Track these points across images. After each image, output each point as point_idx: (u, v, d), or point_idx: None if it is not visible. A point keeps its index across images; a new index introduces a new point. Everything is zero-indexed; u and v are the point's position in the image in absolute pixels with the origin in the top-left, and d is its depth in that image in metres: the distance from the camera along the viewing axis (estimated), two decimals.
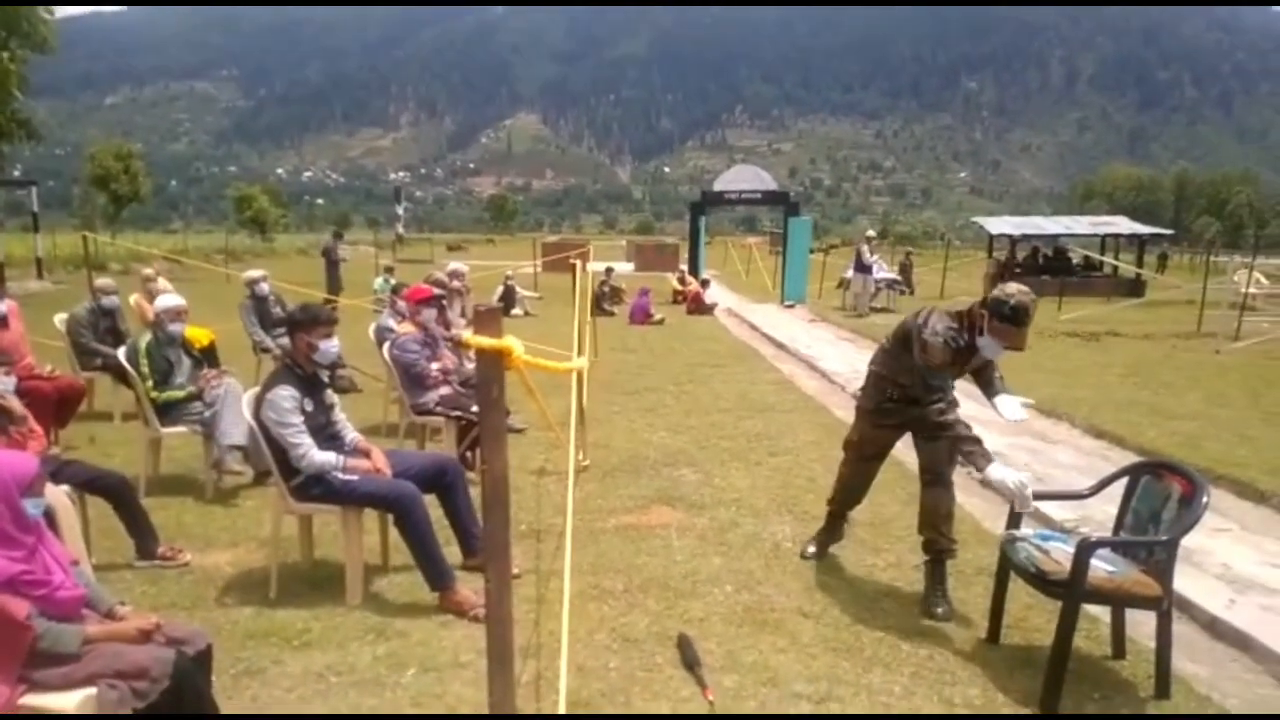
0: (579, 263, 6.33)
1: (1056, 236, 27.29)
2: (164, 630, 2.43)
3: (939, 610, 3.74)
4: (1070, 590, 2.96)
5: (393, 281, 16.61)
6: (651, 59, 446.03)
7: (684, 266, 21.45)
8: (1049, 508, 4.89)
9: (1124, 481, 3.50)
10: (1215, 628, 3.78)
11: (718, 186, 21.69)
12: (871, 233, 20.37)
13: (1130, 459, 6.93)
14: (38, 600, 2.24)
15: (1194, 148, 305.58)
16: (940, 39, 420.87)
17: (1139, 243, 27.65)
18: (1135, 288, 23.40)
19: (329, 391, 4.02)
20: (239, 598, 3.89)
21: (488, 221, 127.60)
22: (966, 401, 3.75)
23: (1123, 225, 28.20)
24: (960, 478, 6.07)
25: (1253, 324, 14.18)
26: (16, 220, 31.01)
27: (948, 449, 3.72)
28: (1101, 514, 4.93)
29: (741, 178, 21.79)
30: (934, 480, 3.87)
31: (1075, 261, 26.06)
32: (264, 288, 8.58)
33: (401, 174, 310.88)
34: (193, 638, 2.50)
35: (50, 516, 2.52)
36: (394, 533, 4.03)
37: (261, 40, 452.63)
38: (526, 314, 17.05)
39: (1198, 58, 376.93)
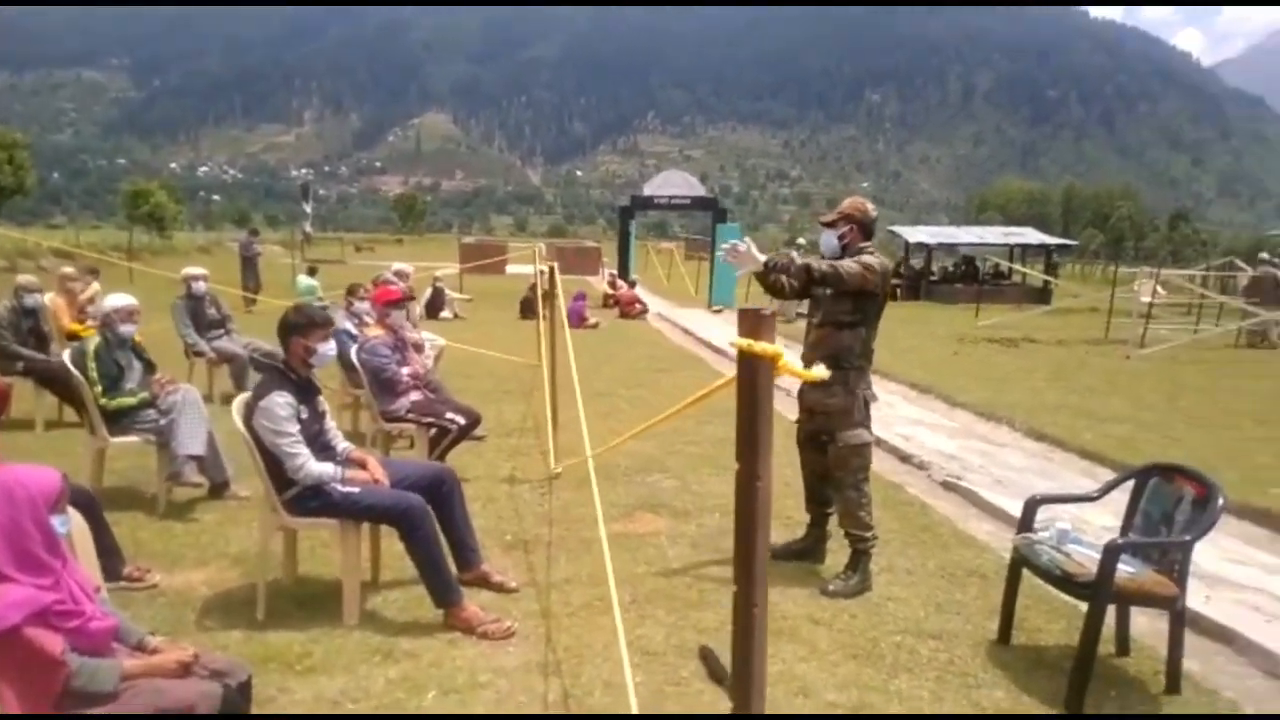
0: (547, 270, 6.21)
1: (972, 246, 28.44)
2: (203, 662, 2.24)
3: (830, 587, 4.08)
4: (1098, 591, 3.03)
5: (316, 281, 16.02)
6: (565, 61, 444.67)
7: (613, 270, 21.40)
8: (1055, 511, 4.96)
9: (1129, 484, 3.61)
10: (1198, 624, 3.89)
11: (648, 190, 21.76)
12: (802, 240, 20.72)
13: (1073, 460, 7.23)
14: (69, 633, 2.03)
15: (1079, 163, 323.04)
16: (847, 53, 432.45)
17: (1046, 252, 29.01)
18: (1043, 295, 24.53)
19: (321, 399, 3.80)
20: (222, 620, 3.64)
21: (395, 221, 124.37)
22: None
23: (1032, 236, 29.69)
24: (928, 485, 6.24)
25: (1153, 332, 15.04)
26: None
27: (833, 455, 4.18)
28: (1093, 516, 5.02)
29: (671, 182, 21.90)
30: (833, 485, 4.28)
31: (984, 271, 27.22)
32: (200, 286, 8.13)
33: (304, 171, 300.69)
34: (232, 669, 2.30)
35: (68, 538, 2.29)
36: (385, 547, 3.84)
37: (155, 28, 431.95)
38: (456, 316, 16.72)
39: (1084, 78, 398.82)
